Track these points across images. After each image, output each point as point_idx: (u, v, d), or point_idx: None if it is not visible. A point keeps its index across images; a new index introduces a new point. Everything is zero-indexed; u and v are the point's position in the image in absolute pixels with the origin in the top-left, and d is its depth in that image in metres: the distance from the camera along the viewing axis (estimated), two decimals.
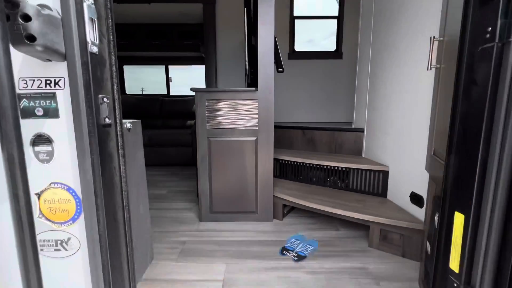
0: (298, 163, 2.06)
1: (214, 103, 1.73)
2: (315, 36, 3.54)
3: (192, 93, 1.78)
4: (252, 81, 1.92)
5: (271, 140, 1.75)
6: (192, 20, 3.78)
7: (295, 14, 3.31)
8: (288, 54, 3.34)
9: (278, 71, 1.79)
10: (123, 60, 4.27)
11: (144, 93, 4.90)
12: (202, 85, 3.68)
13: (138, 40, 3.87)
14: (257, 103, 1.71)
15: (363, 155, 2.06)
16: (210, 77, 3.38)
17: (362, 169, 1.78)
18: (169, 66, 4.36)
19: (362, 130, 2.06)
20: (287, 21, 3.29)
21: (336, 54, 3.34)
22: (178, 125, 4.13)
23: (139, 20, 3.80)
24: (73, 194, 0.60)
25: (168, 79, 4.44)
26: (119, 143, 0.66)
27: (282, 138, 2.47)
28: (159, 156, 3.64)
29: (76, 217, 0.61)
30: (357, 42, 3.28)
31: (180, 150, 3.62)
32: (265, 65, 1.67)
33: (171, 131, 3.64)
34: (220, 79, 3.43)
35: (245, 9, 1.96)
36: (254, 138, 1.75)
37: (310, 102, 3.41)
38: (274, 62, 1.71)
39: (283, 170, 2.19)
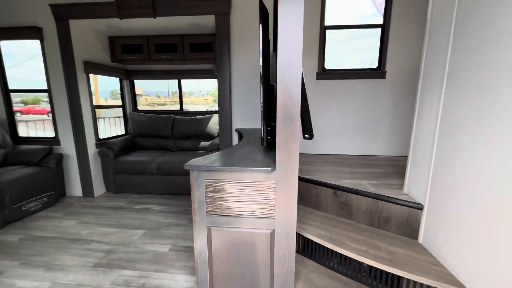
0: (328, 248, 1.56)
1: (216, 184, 1.28)
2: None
3: (206, 109, 1.34)
4: (270, 142, 1.43)
5: (293, 235, 1.27)
6: (204, 30, 3.31)
7: (326, 23, 2.69)
8: (316, 74, 2.76)
9: (304, 138, 1.28)
10: (133, 74, 3.96)
11: (161, 97, 4.72)
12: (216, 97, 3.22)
13: (147, 54, 3.51)
14: (274, 186, 1.23)
15: (420, 240, 1.51)
16: (224, 100, 2.92)
17: (424, 284, 1.24)
18: (181, 79, 3.97)
19: (420, 207, 1.49)
20: (317, 32, 2.69)
21: (377, 73, 2.68)
22: (191, 147, 3.78)
23: (148, 33, 3.41)
24: None
25: (181, 93, 4.06)
26: None
27: (307, 194, 1.97)
28: (167, 184, 3.34)
29: None
30: (407, 59, 2.61)
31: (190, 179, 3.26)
32: (287, 136, 1.17)
33: (180, 159, 3.29)
34: (236, 100, 2.95)
35: (260, 25, 1.45)
36: (269, 231, 1.28)
37: (342, 130, 2.83)
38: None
39: (307, 246, 1.71)
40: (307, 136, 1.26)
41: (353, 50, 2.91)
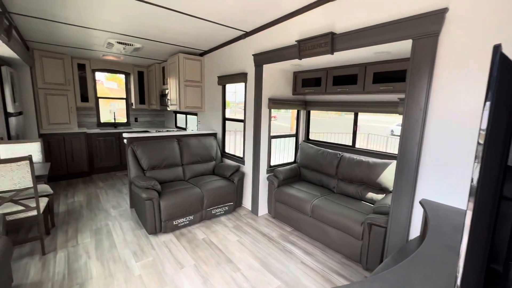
0: None
1: None
2: None
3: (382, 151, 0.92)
4: None
5: None
6: (396, 56, 2.55)
7: None
8: None
9: None
10: (310, 105, 3.97)
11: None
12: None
13: (324, 86, 3.36)
14: None
15: None
16: (407, 153, 2.06)
17: None
18: (359, 113, 3.42)
19: None
20: None
21: None
22: (355, 194, 3.18)
23: (327, 65, 3.23)
24: None
25: (355, 128, 3.53)
26: None
27: None
28: (319, 231, 3.02)
29: None
30: None
31: (346, 239, 2.71)
32: None
33: (337, 210, 2.81)
34: (428, 157, 1.99)
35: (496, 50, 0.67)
36: None
37: None
38: None
39: None
40: None
41: None
